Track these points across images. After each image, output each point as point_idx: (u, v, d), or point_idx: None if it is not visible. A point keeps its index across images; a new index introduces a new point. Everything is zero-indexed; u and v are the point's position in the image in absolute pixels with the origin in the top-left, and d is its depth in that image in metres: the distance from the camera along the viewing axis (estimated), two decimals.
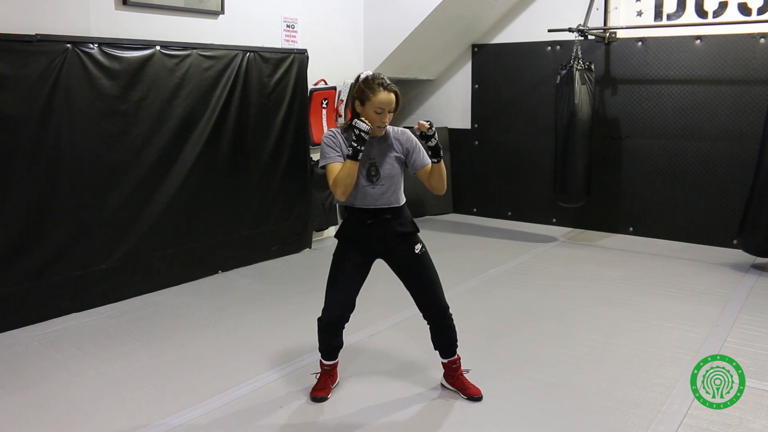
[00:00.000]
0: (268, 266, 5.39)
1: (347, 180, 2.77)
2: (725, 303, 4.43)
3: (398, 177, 2.90)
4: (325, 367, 3.12)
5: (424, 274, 2.96)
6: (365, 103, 2.77)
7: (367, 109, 2.77)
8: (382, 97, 2.74)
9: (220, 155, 5.06)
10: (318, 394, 3.07)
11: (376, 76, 2.79)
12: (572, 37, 5.93)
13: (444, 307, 3.00)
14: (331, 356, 3.11)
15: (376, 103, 2.74)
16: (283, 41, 5.65)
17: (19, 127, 3.90)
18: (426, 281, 2.96)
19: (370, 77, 2.79)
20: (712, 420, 2.88)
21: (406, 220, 2.94)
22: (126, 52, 4.39)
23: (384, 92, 2.74)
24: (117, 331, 3.94)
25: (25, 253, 4.00)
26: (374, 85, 2.75)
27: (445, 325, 3.02)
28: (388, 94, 2.75)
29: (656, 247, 5.99)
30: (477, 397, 3.05)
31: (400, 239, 2.92)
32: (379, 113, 2.76)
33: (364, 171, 2.84)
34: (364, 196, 2.86)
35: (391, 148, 2.88)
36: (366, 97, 2.76)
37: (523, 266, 5.39)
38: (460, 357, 3.12)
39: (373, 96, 2.74)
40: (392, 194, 2.88)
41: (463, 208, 7.49)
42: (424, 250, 2.97)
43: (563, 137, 5.85)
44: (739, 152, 5.77)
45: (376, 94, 2.74)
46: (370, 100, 2.75)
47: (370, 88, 2.75)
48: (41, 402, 3.06)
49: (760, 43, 5.59)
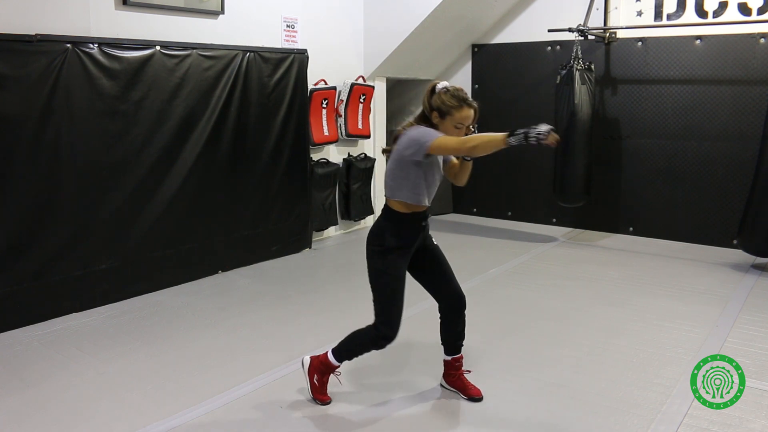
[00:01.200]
0: (268, 266, 5.39)
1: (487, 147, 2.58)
2: (725, 303, 4.43)
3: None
4: (337, 371, 3.06)
5: (445, 263, 3.00)
6: (446, 116, 2.76)
7: (447, 123, 2.76)
8: (468, 114, 2.76)
9: (220, 155, 5.06)
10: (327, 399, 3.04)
11: (458, 89, 2.79)
12: (572, 37, 5.94)
13: (464, 297, 3.01)
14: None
15: (459, 119, 2.75)
16: (283, 41, 5.65)
17: (19, 127, 3.90)
18: (448, 270, 3.00)
19: (454, 90, 2.78)
20: (712, 420, 2.88)
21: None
22: (126, 52, 4.38)
23: (470, 109, 2.76)
24: (117, 331, 3.94)
25: (25, 253, 4.00)
26: (460, 99, 2.76)
27: (464, 315, 3.03)
28: (471, 111, 2.77)
29: (656, 247, 5.99)
30: (477, 398, 3.06)
31: (426, 233, 2.97)
32: (459, 128, 2.77)
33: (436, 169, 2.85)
34: (429, 194, 2.87)
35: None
36: (448, 111, 2.75)
37: (523, 266, 5.39)
38: (463, 356, 3.12)
39: (456, 112, 2.75)
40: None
41: (463, 208, 7.49)
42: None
43: (563, 137, 5.84)
44: (739, 152, 5.77)
45: (460, 110, 2.75)
46: (452, 115, 2.75)
47: (453, 102, 2.75)
48: (41, 402, 3.06)
49: (760, 43, 5.59)
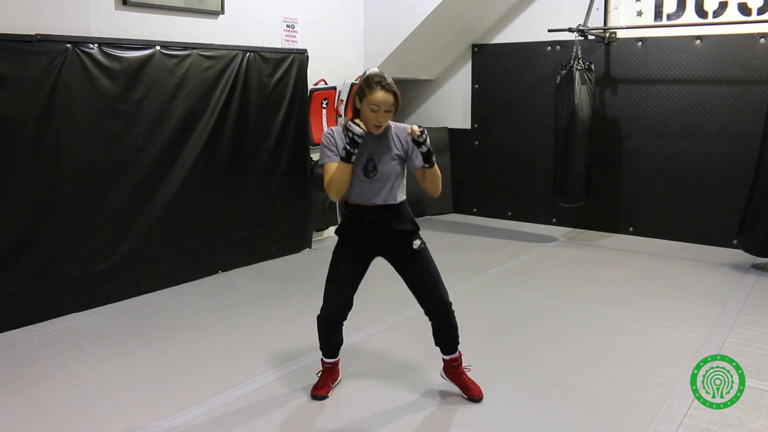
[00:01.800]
0: (268, 266, 5.39)
1: (340, 182, 2.78)
2: (725, 303, 4.43)
3: (397, 174, 2.88)
4: (326, 365, 3.13)
5: (423, 269, 2.93)
6: (363, 100, 2.76)
7: (364, 106, 2.76)
8: (378, 96, 2.72)
9: (220, 155, 5.06)
10: (318, 393, 3.08)
11: (377, 74, 2.78)
12: (572, 37, 5.93)
13: (445, 303, 2.96)
14: (332, 354, 3.12)
15: (372, 101, 2.73)
16: (283, 41, 5.65)
17: (19, 127, 3.89)
18: (425, 276, 2.93)
19: (371, 75, 2.78)
20: (712, 420, 2.88)
21: (406, 218, 2.93)
22: (126, 52, 4.39)
23: (381, 91, 2.73)
24: (117, 331, 3.94)
25: (25, 253, 4.00)
26: (372, 83, 2.74)
27: (447, 321, 2.99)
28: (384, 94, 2.73)
29: (656, 247, 5.99)
30: (477, 398, 3.04)
31: (399, 237, 2.91)
32: (375, 111, 2.74)
33: (362, 166, 2.84)
34: (361, 191, 2.85)
35: (392, 146, 2.87)
36: (363, 94, 2.76)
37: (523, 266, 5.39)
38: (461, 354, 3.10)
39: (369, 94, 2.73)
40: (390, 191, 2.87)
41: (463, 208, 7.49)
42: (423, 246, 2.94)
43: (563, 137, 5.85)
44: (739, 152, 5.77)
45: (372, 92, 2.73)
46: (366, 97, 2.74)
47: (368, 85, 2.75)
48: (41, 402, 3.06)
49: (760, 43, 5.59)
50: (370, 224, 2.89)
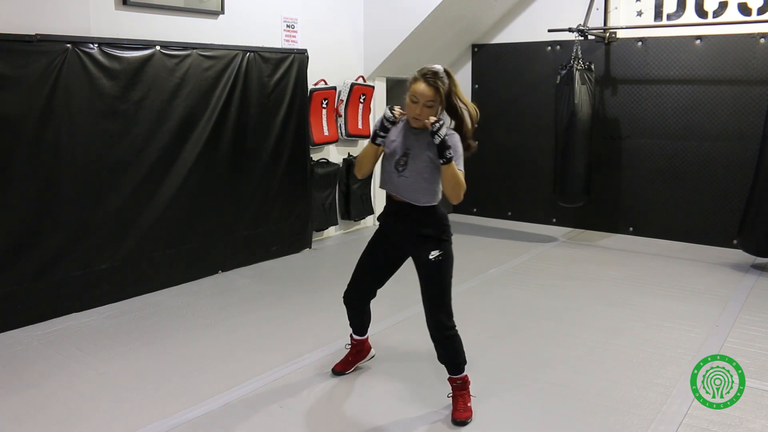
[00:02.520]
0: (268, 266, 5.39)
1: (363, 160, 2.92)
2: (725, 303, 4.43)
3: (429, 176, 2.79)
4: (353, 341, 3.30)
5: (432, 284, 2.83)
6: (409, 89, 2.77)
7: (408, 96, 2.77)
8: (418, 87, 2.72)
9: (220, 155, 5.06)
10: (336, 368, 3.26)
11: (431, 68, 2.74)
12: (572, 37, 5.94)
13: (437, 325, 2.83)
14: (357, 332, 3.25)
15: (413, 91, 2.74)
16: (283, 41, 5.65)
17: (19, 127, 3.89)
18: (429, 295, 2.85)
19: (425, 67, 2.76)
20: (712, 420, 2.88)
21: (430, 224, 2.83)
22: (126, 52, 4.38)
23: (422, 83, 2.71)
24: (117, 331, 3.94)
25: (25, 253, 4.00)
26: (420, 74, 2.74)
27: (440, 341, 2.86)
28: (426, 87, 2.70)
29: (656, 247, 5.99)
30: (459, 421, 2.83)
31: (418, 241, 2.84)
32: (415, 102, 2.73)
33: (396, 157, 2.84)
34: (391, 182, 2.87)
35: (431, 146, 2.75)
36: (409, 83, 2.77)
37: (523, 266, 5.39)
38: (463, 378, 2.90)
39: (413, 84, 2.75)
40: (415, 191, 2.80)
41: (463, 208, 7.49)
42: (441, 258, 2.80)
43: (563, 137, 5.85)
44: (739, 152, 5.77)
45: (415, 82, 2.74)
46: (409, 88, 2.76)
47: (416, 76, 2.75)
48: (41, 402, 3.06)
49: (760, 43, 5.59)
50: (395, 218, 2.93)
